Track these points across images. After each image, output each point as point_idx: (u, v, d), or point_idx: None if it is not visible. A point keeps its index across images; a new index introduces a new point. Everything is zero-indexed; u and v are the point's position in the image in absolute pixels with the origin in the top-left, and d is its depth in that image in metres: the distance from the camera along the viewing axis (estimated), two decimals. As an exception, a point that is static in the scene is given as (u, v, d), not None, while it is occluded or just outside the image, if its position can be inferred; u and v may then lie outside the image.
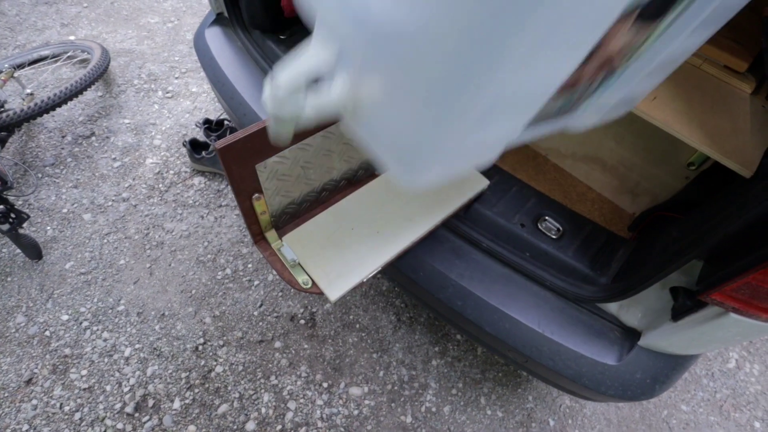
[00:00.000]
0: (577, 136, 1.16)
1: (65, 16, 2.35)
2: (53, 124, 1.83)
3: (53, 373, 1.26)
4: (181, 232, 1.57)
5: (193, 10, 2.50)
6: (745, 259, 0.61)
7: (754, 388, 1.48)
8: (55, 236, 1.51)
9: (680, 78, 0.78)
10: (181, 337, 1.35)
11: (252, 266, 1.51)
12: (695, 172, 0.94)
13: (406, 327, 1.44)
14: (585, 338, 0.91)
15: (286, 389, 1.29)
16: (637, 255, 0.90)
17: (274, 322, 1.40)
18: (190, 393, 1.26)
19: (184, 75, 2.12)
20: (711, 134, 0.68)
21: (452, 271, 0.96)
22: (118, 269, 1.47)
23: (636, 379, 0.88)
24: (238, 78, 1.29)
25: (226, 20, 1.42)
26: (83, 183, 1.66)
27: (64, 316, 1.36)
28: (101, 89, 1.99)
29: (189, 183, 1.70)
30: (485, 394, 1.35)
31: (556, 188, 1.16)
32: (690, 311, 0.74)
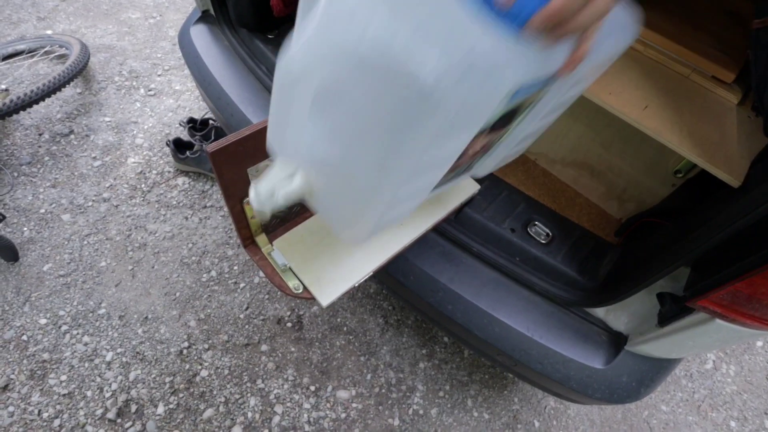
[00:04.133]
0: (566, 142, 1.17)
1: (42, 10, 2.28)
2: (30, 121, 1.77)
3: (31, 378, 1.22)
4: (164, 233, 1.54)
5: (176, 6, 2.45)
6: (732, 267, 0.63)
7: (730, 388, 1.52)
8: (32, 237, 1.47)
9: (670, 87, 0.80)
10: (164, 340, 1.32)
11: (238, 268, 1.49)
12: (682, 179, 0.96)
13: (394, 330, 1.44)
14: (573, 342, 0.92)
15: (272, 393, 1.27)
16: (625, 261, 0.91)
17: (261, 325, 1.39)
18: (175, 398, 1.23)
19: (167, 72, 2.07)
20: (700, 143, 0.70)
21: (442, 275, 0.96)
22: (98, 271, 1.43)
23: (622, 382, 0.90)
24: (225, 78, 1.27)
25: (212, 18, 1.40)
26: (62, 182, 1.61)
27: (42, 320, 1.31)
28: (80, 86, 1.94)
29: (172, 183, 1.67)
30: (472, 396, 1.36)
31: (545, 193, 1.17)
32: (676, 317, 0.76)
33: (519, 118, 0.53)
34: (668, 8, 0.95)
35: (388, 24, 0.33)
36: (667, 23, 0.89)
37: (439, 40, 0.33)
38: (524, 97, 0.46)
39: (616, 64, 0.84)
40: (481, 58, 0.34)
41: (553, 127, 1.17)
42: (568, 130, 1.15)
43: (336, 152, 0.42)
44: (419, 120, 0.36)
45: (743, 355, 1.61)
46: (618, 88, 0.77)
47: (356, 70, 0.35)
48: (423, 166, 0.44)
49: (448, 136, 0.40)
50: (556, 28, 0.36)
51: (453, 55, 0.33)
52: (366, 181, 0.45)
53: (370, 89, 0.36)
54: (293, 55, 0.36)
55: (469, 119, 0.40)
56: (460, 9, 0.34)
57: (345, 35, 0.34)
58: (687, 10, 0.98)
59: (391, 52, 0.33)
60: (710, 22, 0.95)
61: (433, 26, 0.34)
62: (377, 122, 0.38)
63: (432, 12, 0.34)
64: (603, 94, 0.76)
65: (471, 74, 0.34)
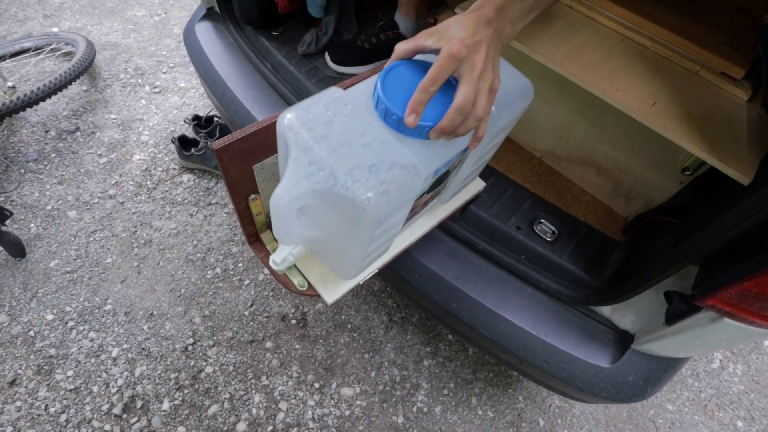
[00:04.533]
0: (572, 139, 1.16)
1: (48, 7, 2.29)
2: (36, 118, 1.78)
3: (38, 373, 1.23)
4: (169, 230, 1.54)
5: (181, 3, 2.45)
6: (741, 265, 0.62)
7: (737, 387, 1.51)
8: (39, 234, 1.47)
9: (678, 84, 0.79)
10: (170, 337, 1.33)
11: (242, 265, 1.49)
12: (689, 177, 0.95)
13: (398, 327, 1.44)
14: (579, 341, 0.92)
15: (277, 390, 1.28)
16: (632, 259, 0.90)
17: (265, 322, 1.39)
18: (180, 394, 1.24)
19: (172, 70, 2.08)
20: (709, 140, 0.69)
21: (448, 273, 0.96)
22: (104, 268, 1.43)
23: (628, 381, 0.89)
24: (230, 75, 1.27)
25: (217, 15, 1.40)
26: (68, 179, 1.62)
27: (49, 316, 1.32)
28: (86, 83, 1.94)
29: (177, 180, 1.67)
30: (476, 394, 1.36)
31: (551, 190, 1.16)
32: (684, 315, 0.75)
33: (453, 173, 0.71)
34: (676, 3, 0.94)
35: (332, 170, 0.50)
36: (675, 19, 0.88)
37: (365, 171, 0.50)
38: (446, 167, 0.63)
39: (623, 61, 0.83)
40: (400, 165, 0.51)
41: (560, 124, 1.17)
42: (575, 127, 1.14)
43: (318, 236, 0.64)
44: (364, 220, 0.53)
45: (750, 354, 1.60)
46: (626, 85, 0.76)
47: (317, 199, 0.53)
48: (378, 234, 0.60)
49: (389, 218, 0.57)
50: (448, 135, 0.52)
51: (376, 178, 0.50)
52: (340, 248, 0.65)
53: (330, 207, 0.54)
54: (280, 194, 0.52)
55: (401, 205, 0.56)
56: (383, 136, 0.53)
57: (308, 181, 0.51)
58: (695, 6, 0.96)
59: (335, 189, 0.50)
60: (719, 17, 0.94)
61: (362, 159, 0.51)
62: (339, 221, 0.56)
63: (363, 144, 0.52)
64: (611, 91, 0.75)
65: (390, 186, 0.51)
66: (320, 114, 0.54)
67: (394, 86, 0.53)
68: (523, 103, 0.66)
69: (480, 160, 0.77)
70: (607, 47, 0.84)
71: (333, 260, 0.72)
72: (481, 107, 0.50)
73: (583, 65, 0.79)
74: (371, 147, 0.52)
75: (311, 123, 0.53)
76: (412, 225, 0.86)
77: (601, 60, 0.81)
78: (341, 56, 1.22)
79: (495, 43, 0.51)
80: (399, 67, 0.56)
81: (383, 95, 0.52)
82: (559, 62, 0.79)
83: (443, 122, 0.50)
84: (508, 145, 1.29)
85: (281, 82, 1.20)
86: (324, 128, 0.52)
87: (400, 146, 0.53)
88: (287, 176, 0.52)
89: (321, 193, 0.51)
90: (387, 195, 0.50)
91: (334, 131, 0.52)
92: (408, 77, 0.54)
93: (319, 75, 1.20)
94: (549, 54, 0.80)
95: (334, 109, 0.54)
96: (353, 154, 0.51)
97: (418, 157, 0.53)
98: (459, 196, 0.91)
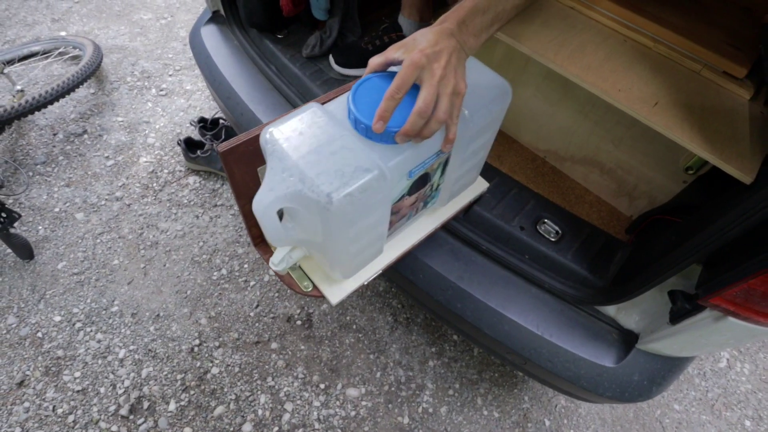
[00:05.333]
0: (575, 139, 1.16)
1: (56, 12, 2.32)
2: (44, 121, 1.80)
3: (46, 375, 1.24)
4: (175, 231, 1.56)
5: (187, 7, 2.48)
6: (745, 264, 0.62)
7: (744, 387, 1.50)
8: (47, 236, 1.49)
9: (680, 83, 0.79)
10: (176, 338, 1.34)
11: (248, 266, 1.50)
12: (693, 176, 0.95)
13: (403, 328, 1.44)
14: (583, 340, 0.92)
15: (282, 390, 1.28)
16: (636, 258, 0.90)
17: (271, 323, 1.40)
18: (186, 395, 1.25)
19: (178, 72, 2.10)
20: (711, 140, 0.69)
21: (452, 273, 0.96)
22: (111, 269, 1.45)
23: (633, 380, 0.89)
24: (236, 77, 1.28)
25: (222, 18, 1.41)
26: (76, 182, 1.64)
27: (57, 317, 1.34)
28: (93, 86, 1.97)
29: (183, 182, 1.69)
30: (482, 394, 1.36)
31: (555, 190, 1.17)
32: (688, 315, 0.75)
33: (436, 174, 0.73)
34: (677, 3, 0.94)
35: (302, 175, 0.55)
36: (676, 18, 0.88)
37: (330, 175, 0.55)
38: (423, 169, 0.66)
39: (625, 61, 0.83)
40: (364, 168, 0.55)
41: (563, 124, 1.18)
42: (578, 127, 1.14)
43: (306, 238, 0.67)
44: (333, 220, 0.57)
45: (758, 353, 1.59)
46: (627, 85, 0.77)
47: (291, 202, 0.57)
48: (356, 234, 0.64)
49: (363, 219, 0.61)
50: (414, 138, 0.56)
51: (340, 181, 0.54)
52: (328, 249, 0.68)
53: (305, 209, 0.58)
54: (258, 199, 0.56)
55: (372, 207, 0.60)
56: (353, 144, 0.57)
57: (281, 186, 0.56)
58: (697, 5, 0.96)
59: (304, 192, 0.55)
60: (721, 16, 0.94)
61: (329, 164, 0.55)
62: (316, 222, 0.59)
63: (331, 151, 0.57)
64: (612, 91, 0.75)
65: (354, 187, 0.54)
66: (296, 127, 0.59)
67: (366, 97, 0.58)
68: (500, 103, 0.69)
69: (469, 161, 0.79)
70: (609, 47, 0.84)
71: (327, 260, 0.75)
72: (442, 110, 0.54)
73: (585, 66, 0.79)
74: (339, 153, 0.57)
75: (287, 135, 0.58)
76: (414, 226, 0.86)
77: (603, 60, 0.81)
78: (345, 58, 1.23)
79: (458, 52, 0.56)
80: (372, 79, 0.61)
81: (353, 106, 0.57)
82: (561, 63, 0.79)
83: (406, 126, 0.54)
84: (512, 145, 1.30)
85: (286, 84, 1.21)
86: (297, 139, 0.58)
87: (369, 152, 0.57)
88: (264, 183, 0.57)
89: (292, 196, 0.56)
90: (351, 196, 0.55)
91: (306, 141, 0.58)
92: (379, 88, 0.58)
93: (323, 77, 1.21)
94: (551, 55, 0.80)
95: (309, 122, 0.60)
96: (321, 160, 0.56)
97: (387, 162, 0.58)
98: (462, 197, 0.92)
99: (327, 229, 0.60)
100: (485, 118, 0.68)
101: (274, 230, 0.61)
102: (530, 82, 1.18)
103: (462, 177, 0.83)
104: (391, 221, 0.73)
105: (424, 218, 0.87)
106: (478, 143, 0.75)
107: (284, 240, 0.66)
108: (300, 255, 0.77)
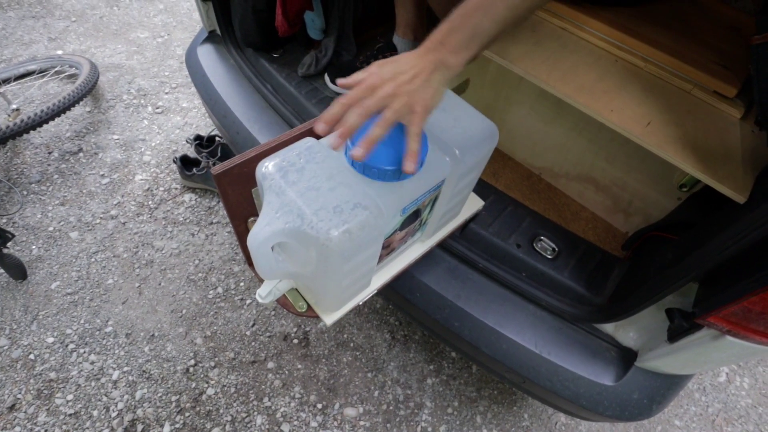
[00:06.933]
0: (570, 156, 1.17)
1: (53, 30, 2.33)
2: (39, 140, 1.80)
3: (38, 398, 1.22)
4: (171, 250, 1.55)
5: (183, 25, 2.50)
6: (741, 283, 0.62)
7: (744, 401, 1.49)
8: (40, 255, 1.48)
9: (672, 103, 0.80)
10: (171, 358, 1.32)
11: (244, 285, 1.49)
12: (687, 193, 0.96)
13: (401, 345, 1.43)
14: (582, 358, 0.91)
15: (279, 411, 1.27)
16: (632, 275, 0.90)
17: (267, 342, 1.38)
18: (181, 417, 1.23)
19: (174, 90, 2.10)
20: (704, 159, 0.70)
21: (448, 291, 0.96)
22: (106, 289, 1.44)
23: (633, 399, 0.88)
24: (231, 96, 1.28)
25: (219, 38, 1.42)
26: (70, 200, 1.63)
27: (50, 339, 1.32)
28: (89, 105, 1.97)
29: (179, 200, 1.68)
30: (481, 412, 1.34)
31: (551, 207, 1.17)
32: (686, 333, 0.75)
33: (426, 211, 0.75)
34: (667, 23, 0.96)
35: (300, 211, 0.55)
36: (666, 38, 0.89)
37: (329, 211, 0.55)
38: (415, 206, 0.67)
39: (617, 81, 0.85)
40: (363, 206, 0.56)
41: (557, 142, 1.19)
42: (572, 144, 1.15)
43: (296, 271, 0.67)
44: (330, 256, 0.57)
45: (757, 367, 1.58)
46: (620, 105, 0.77)
47: (288, 238, 0.57)
48: (349, 270, 0.64)
49: (357, 255, 0.61)
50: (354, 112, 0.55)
51: (339, 218, 0.55)
52: (318, 283, 0.70)
53: (301, 244, 0.58)
54: (255, 233, 0.56)
55: (367, 243, 0.60)
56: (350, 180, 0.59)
57: (279, 221, 0.56)
58: (686, 25, 0.98)
59: (302, 229, 0.55)
60: (710, 36, 0.95)
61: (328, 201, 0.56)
62: (310, 258, 0.60)
63: (330, 188, 0.57)
64: (605, 111, 0.76)
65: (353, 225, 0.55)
66: (293, 162, 0.60)
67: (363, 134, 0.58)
68: (488, 144, 0.72)
69: (455, 198, 0.81)
70: (601, 68, 0.86)
71: (315, 294, 0.77)
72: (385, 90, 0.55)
73: (578, 86, 0.80)
74: (337, 190, 0.58)
75: (284, 170, 0.59)
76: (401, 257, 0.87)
77: (596, 80, 0.82)
78: (340, 77, 1.24)
79: (431, 70, 0.58)
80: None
81: (350, 142, 0.58)
82: (554, 84, 0.80)
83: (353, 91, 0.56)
84: (507, 162, 1.31)
85: (282, 103, 1.22)
86: (296, 174, 0.59)
87: (366, 188, 0.59)
88: (261, 217, 0.57)
89: (290, 232, 0.56)
90: (349, 233, 0.55)
91: (304, 177, 0.58)
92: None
93: (319, 96, 1.22)
94: (544, 76, 0.81)
95: (307, 157, 0.61)
96: (320, 196, 0.57)
97: (383, 199, 0.59)
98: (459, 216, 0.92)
99: (322, 264, 0.60)
100: (475, 157, 0.70)
101: (267, 264, 0.61)
102: (524, 100, 1.19)
103: (447, 212, 0.85)
104: (380, 255, 0.73)
105: (409, 250, 0.87)
106: (465, 181, 0.77)
107: (275, 273, 0.65)
108: (287, 287, 0.78)
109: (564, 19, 0.95)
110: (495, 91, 1.23)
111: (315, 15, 1.27)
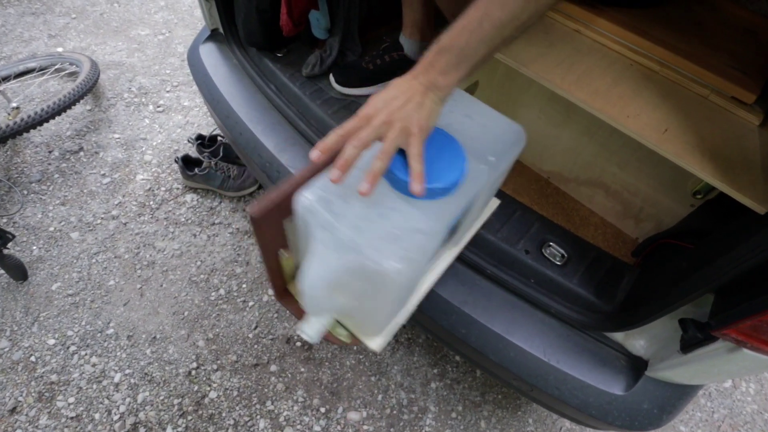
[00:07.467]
0: (579, 160, 1.15)
1: (53, 27, 2.31)
2: (40, 138, 1.78)
3: (39, 401, 1.21)
4: (172, 251, 1.53)
5: (185, 23, 2.47)
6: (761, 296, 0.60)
7: (750, 407, 1.48)
8: (41, 256, 1.46)
9: (689, 109, 0.78)
10: (173, 361, 1.31)
11: (246, 286, 1.47)
12: (701, 200, 0.94)
13: (405, 348, 1.42)
14: (591, 367, 0.90)
15: (282, 415, 1.25)
16: (644, 283, 0.89)
17: (270, 345, 1.37)
18: (183, 420, 1.22)
19: (175, 89, 2.08)
20: (723, 168, 0.68)
21: (456, 297, 0.94)
22: (107, 290, 1.42)
23: (643, 409, 0.87)
24: (234, 96, 1.27)
25: (221, 36, 1.40)
26: (71, 200, 1.61)
27: (51, 341, 1.31)
28: (90, 103, 1.95)
29: (181, 200, 1.67)
30: (485, 417, 1.33)
31: (559, 212, 1.15)
32: (701, 344, 0.73)
33: (462, 222, 0.76)
34: (681, 26, 0.94)
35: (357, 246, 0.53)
36: (681, 42, 0.87)
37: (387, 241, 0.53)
38: (457, 220, 0.66)
39: (632, 86, 0.83)
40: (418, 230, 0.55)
41: (567, 146, 1.17)
42: (582, 148, 1.13)
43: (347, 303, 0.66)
44: (392, 287, 0.56)
45: (763, 373, 1.57)
46: (636, 111, 0.76)
47: (347, 274, 0.56)
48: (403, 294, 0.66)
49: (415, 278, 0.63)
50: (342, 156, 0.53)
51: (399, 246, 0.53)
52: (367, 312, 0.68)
53: (359, 280, 0.57)
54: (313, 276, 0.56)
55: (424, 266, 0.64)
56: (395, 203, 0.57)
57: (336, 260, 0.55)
58: (701, 28, 0.96)
59: (365, 264, 0.53)
60: (725, 39, 0.93)
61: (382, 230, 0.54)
62: (367, 290, 0.59)
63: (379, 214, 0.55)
64: (621, 117, 0.74)
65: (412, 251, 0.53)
66: (333, 191, 0.56)
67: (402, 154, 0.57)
68: (518, 146, 0.71)
69: (485, 202, 0.83)
70: (616, 72, 0.84)
71: (358, 321, 0.74)
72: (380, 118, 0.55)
73: (593, 91, 0.78)
74: (387, 216, 0.55)
75: (327, 201, 0.55)
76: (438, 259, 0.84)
77: (611, 85, 0.80)
78: (345, 77, 1.22)
79: (421, 93, 0.58)
80: None
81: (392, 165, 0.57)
82: (568, 88, 0.78)
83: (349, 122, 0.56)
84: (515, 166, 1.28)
85: (285, 103, 1.20)
86: (341, 205, 0.55)
87: (413, 210, 0.56)
88: (316, 258, 0.56)
89: (350, 270, 0.54)
90: (410, 261, 0.53)
91: (350, 207, 0.55)
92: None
93: (323, 96, 1.20)
94: (557, 80, 0.79)
95: (346, 185, 0.56)
96: (373, 226, 0.54)
97: (433, 217, 0.57)
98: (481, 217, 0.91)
99: (381, 294, 0.59)
100: (508, 161, 0.70)
101: (323, 302, 0.59)
102: (533, 103, 1.17)
103: (475, 217, 0.85)
104: None
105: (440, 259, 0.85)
106: (496, 184, 0.78)
107: (327, 309, 0.64)
108: (331, 321, 0.74)
109: (577, 21, 0.93)
110: (503, 93, 1.21)
111: (320, 14, 1.25)
